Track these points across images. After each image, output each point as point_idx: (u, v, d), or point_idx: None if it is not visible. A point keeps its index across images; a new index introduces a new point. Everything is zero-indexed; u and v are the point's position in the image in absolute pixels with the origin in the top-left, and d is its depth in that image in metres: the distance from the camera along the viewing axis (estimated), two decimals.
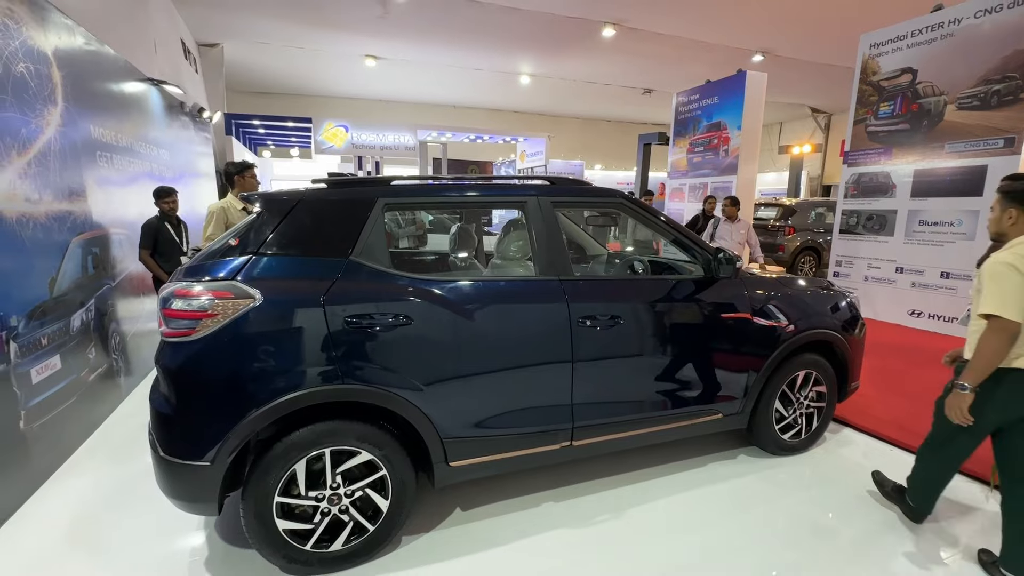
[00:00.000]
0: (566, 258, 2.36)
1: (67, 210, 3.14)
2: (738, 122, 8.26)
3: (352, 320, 1.91)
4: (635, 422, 2.48)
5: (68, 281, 3.08)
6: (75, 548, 2.17)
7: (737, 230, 5.86)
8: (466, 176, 2.62)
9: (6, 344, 2.42)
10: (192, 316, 1.78)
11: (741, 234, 5.84)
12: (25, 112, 2.76)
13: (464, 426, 2.13)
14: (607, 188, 2.64)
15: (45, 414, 2.71)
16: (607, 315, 2.31)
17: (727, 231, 5.90)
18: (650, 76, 14.41)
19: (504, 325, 2.16)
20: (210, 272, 1.88)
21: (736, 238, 5.81)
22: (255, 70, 13.99)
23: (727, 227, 5.91)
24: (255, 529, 1.88)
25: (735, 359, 2.65)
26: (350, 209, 2.08)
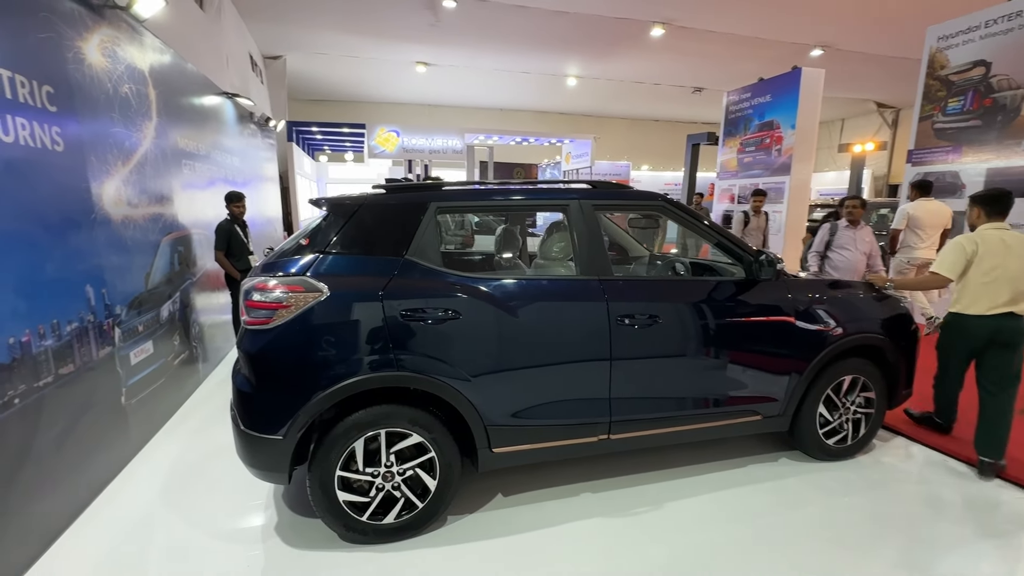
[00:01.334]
0: (606, 259, 2.46)
1: (159, 212, 3.53)
2: (792, 120, 7.99)
3: (407, 314, 2.10)
4: (671, 419, 2.54)
5: (159, 276, 3.47)
6: (168, 508, 2.48)
7: (862, 238, 4.47)
8: (511, 181, 2.76)
9: (112, 330, 2.78)
10: (269, 307, 2.02)
11: (867, 243, 4.47)
12: (128, 127, 3.16)
13: (506, 415, 2.27)
14: (647, 191, 2.72)
15: (140, 392, 3.08)
16: (645, 314, 2.39)
17: (849, 239, 4.48)
18: (700, 75, 14.11)
19: (545, 321, 2.29)
20: (284, 268, 2.12)
21: (861, 247, 4.45)
22: (313, 79, 14.80)
23: (849, 234, 4.49)
24: (319, 499, 2.10)
25: (776, 361, 2.65)
26: (405, 212, 2.28)
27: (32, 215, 2.19)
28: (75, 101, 2.56)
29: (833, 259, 4.56)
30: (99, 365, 2.63)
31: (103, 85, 2.86)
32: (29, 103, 2.20)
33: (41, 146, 2.26)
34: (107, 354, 2.72)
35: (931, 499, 2.61)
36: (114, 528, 2.33)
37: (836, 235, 4.58)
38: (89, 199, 2.64)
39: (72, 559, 2.13)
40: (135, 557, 2.15)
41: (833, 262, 4.55)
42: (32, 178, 2.20)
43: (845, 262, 4.48)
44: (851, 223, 4.53)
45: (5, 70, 2.05)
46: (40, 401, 2.16)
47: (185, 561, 2.12)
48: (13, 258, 2.06)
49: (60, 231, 2.38)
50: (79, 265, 2.52)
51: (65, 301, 2.38)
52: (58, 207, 2.38)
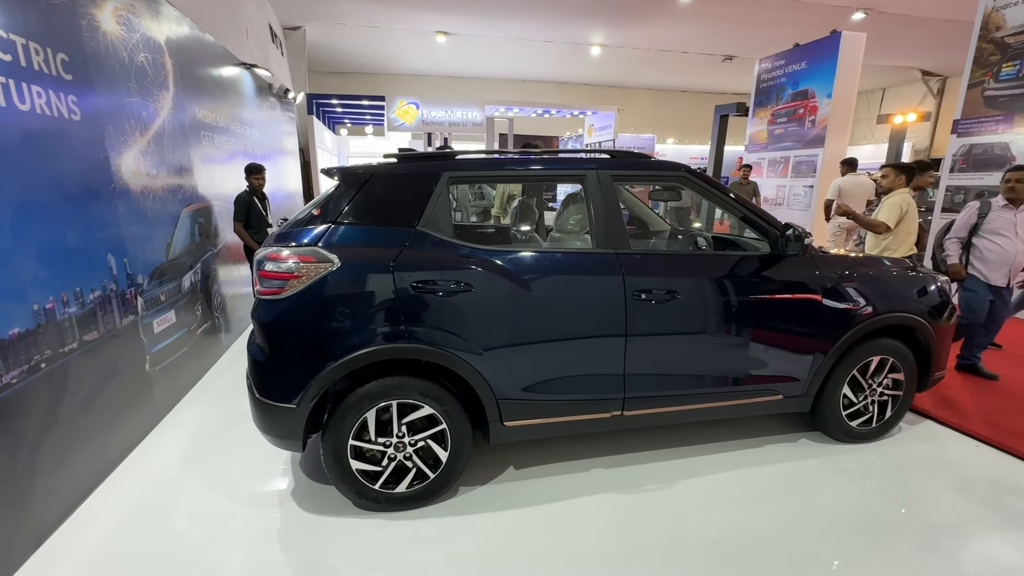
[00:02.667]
0: (623, 232, 2.38)
1: (178, 184, 3.56)
2: (828, 89, 7.57)
3: (418, 285, 2.07)
4: (687, 397, 2.48)
5: (180, 247, 3.53)
6: (190, 470, 2.57)
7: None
8: (528, 150, 2.69)
9: (135, 299, 2.84)
10: (281, 277, 2.02)
11: None
12: (144, 97, 3.16)
13: (518, 389, 2.25)
14: (669, 161, 2.60)
15: (164, 360, 3.17)
16: (663, 290, 2.32)
17: (1007, 222, 3.52)
18: (732, 42, 13.45)
19: (559, 295, 2.24)
20: (296, 238, 2.10)
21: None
22: (333, 51, 14.64)
23: (1007, 216, 3.53)
24: (332, 466, 2.13)
25: (800, 340, 2.55)
26: (417, 182, 2.23)
27: (52, 184, 2.22)
28: (90, 70, 2.55)
29: (981, 248, 3.61)
30: (123, 333, 2.70)
31: (118, 54, 2.85)
32: (44, 71, 2.20)
33: (58, 115, 2.27)
34: (130, 322, 2.79)
35: (958, 484, 2.52)
36: (141, 487, 2.43)
37: (988, 217, 3.58)
38: (108, 169, 2.66)
39: (101, 515, 2.23)
40: (159, 514, 2.23)
41: (981, 252, 3.62)
42: (50, 147, 2.22)
43: (999, 253, 3.53)
44: (1011, 202, 3.51)
45: (19, 37, 2.05)
46: (66, 366, 2.23)
47: (205, 521, 2.20)
48: (35, 227, 2.09)
49: (80, 200, 2.41)
50: (100, 234, 2.56)
51: (87, 270, 2.43)
52: (77, 177, 2.41)
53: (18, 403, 1.94)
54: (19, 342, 1.95)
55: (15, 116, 2.00)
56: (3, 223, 1.92)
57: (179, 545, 2.06)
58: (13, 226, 1.97)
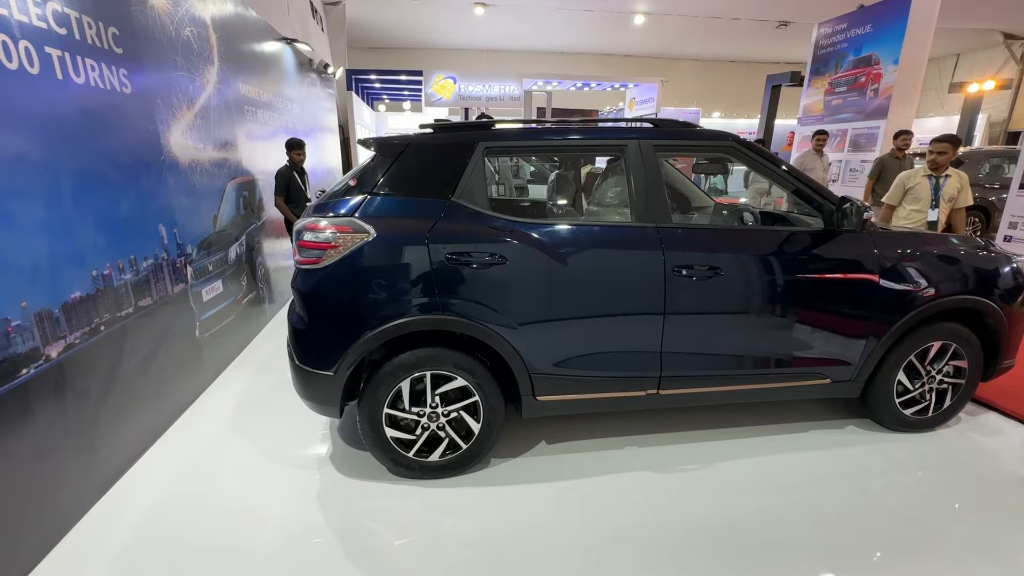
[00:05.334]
0: (665, 205, 2.28)
1: (223, 158, 3.67)
2: (895, 55, 6.98)
3: (452, 257, 2.06)
4: (727, 378, 2.40)
5: (226, 219, 3.65)
6: (237, 432, 2.70)
7: None
8: (567, 120, 2.60)
9: (184, 268, 2.97)
10: (319, 247, 2.05)
11: None
12: (191, 72, 3.23)
13: (551, 364, 2.22)
14: (717, 131, 2.46)
15: (212, 327, 3.32)
16: (705, 265, 2.22)
17: None
18: (788, 5, 12.57)
19: (595, 270, 2.18)
20: (334, 209, 2.12)
21: None
22: (372, 25, 14.61)
23: None
24: (368, 433, 2.19)
25: (853, 323, 2.41)
26: (452, 153, 2.19)
27: (106, 155, 2.31)
28: (140, 44, 2.62)
29: None
30: (174, 300, 2.84)
31: (165, 28, 2.92)
32: (97, 44, 2.27)
33: (110, 88, 2.35)
34: (181, 290, 2.92)
35: (1019, 480, 2.34)
36: (193, 445, 2.58)
37: None
38: (158, 142, 2.76)
39: (157, 468, 2.38)
40: (210, 471, 2.37)
41: None
42: (104, 120, 2.30)
43: None
44: None
45: (72, 11, 2.11)
46: (123, 330, 2.36)
47: (251, 479, 2.31)
48: (91, 196, 2.19)
49: (133, 172, 2.51)
50: (151, 205, 2.66)
51: (140, 239, 2.55)
52: (129, 149, 2.50)
53: (81, 362, 2.07)
54: (80, 305, 2.07)
55: (71, 89, 2.09)
56: (63, 192, 2.02)
57: (228, 499, 2.18)
58: (72, 195, 2.07)
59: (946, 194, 4.11)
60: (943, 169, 4.03)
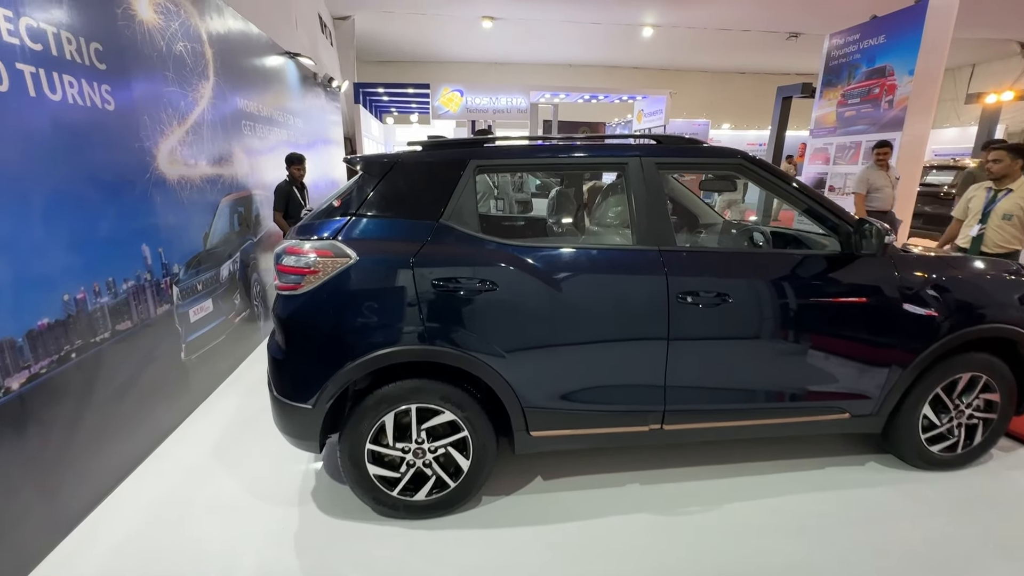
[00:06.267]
0: (668, 226, 2.13)
1: (217, 173, 3.59)
2: (910, 66, 6.80)
3: (439, 283, 1.93)
4: (737, 412, 2.23)
5: (218, 236, 3.56)
6: (218, 461, 2.57)
7: None
8: (567, 135, 2.48)
9: (170, 288, 2.87)
10: (298, 271, 1.92)
11: None
12: (183, 87, 3.16)
13: (546, 397, 2.07)
14: (724, 147, 2.31)
15: (200, 348, 3.21)
16: (712, 292, 2.06)
17: None
18: (799, 16, 12.45)
19: (593, 296, 2.03)
20: (316, 231, 2.00)
21: None
22: (380, 39, 14.73)
23: None
24: (349, 470, 2.04)
25: (873, 353, 2.23)
26: (441, 171, 2.07)
27: (84, 174, 2.22)
28: (125, 59, 2.55)
29: None
30: (158, 322, 2.73)
31: (155, 43, 2.85)
32: (76, 60, 2.19)
33: (91, 104, 2.27)
34: (166, 311, 2.82)
35: None
36: (170, 477, 2.45)
37: None
38: (143, 159, 2.67)
39: (128, 504, 2.25)
40: (183, 507, 2.23)
41: None
42: (82, 137, 2.22)
43: None
44: None
45: (49, 26, 2.04)
46: (98, 356, 2.25)
47: (226, 516, 2.17)
48: (67, 216, 2.10)
49: (114, 190, 2.42)
50: (134, 224, 2.57)
51: (121, 259, 2.45)
52: (111, 167, 2.41)
53: (48, 393, 1.96)
54: (48, 332, 1.97)
55: (46, 106, 2.00)
56: (31, 213, 1.92)
57: (199, 539, 2.04)
58: (43, 216, 1.97)
59: (1000, 210, 3.67)
60: (1005, 181, 3.65)
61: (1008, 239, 3.67)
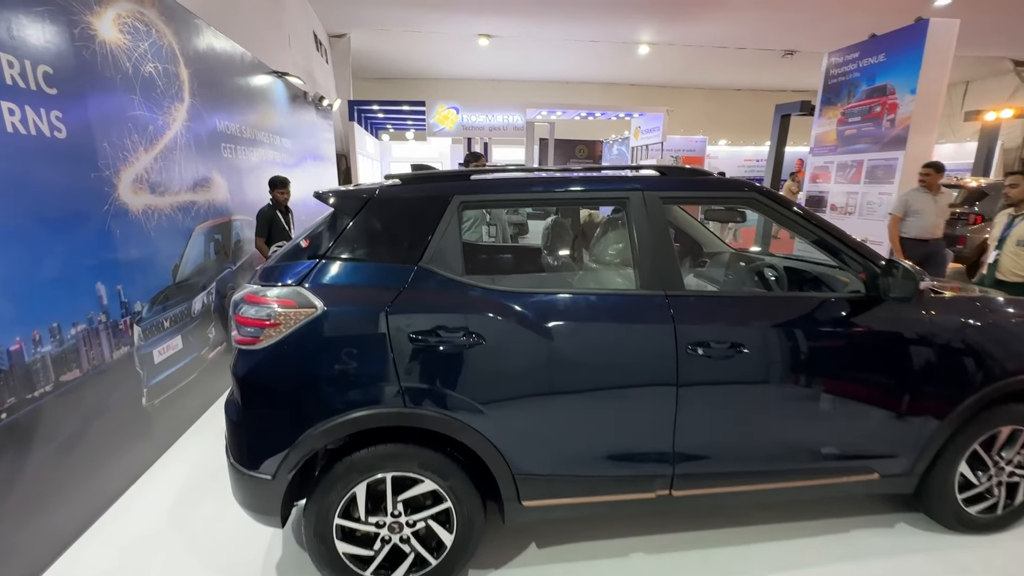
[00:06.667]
0: (675, 268, 1.91)
1: (191, 200, 3.37)
2: (912, 84, 6.69)
3: (417, 337, 1.69)
4: (754, 475, 1.98)
5: (191, 267, 3.33)
6: (173, 527, 2.31)
7: None
8: (560, 167, 2.29)
9: (130, 328, 2.63)
10: (257, 324, 1.69)
11: None
12: (153, 110, 2.96)
13: (540, 463, 1.83)
14: (733, 179, 2.11)
15: (166, 390, 2.96)
16: (725, 342, 1.84)
17: None
18: (794, 35, 12.45)
19: (593, 348, 1.80)
20: (279, 277, 1.78)
21: None
22: (376, 57, 14.71)
23: None
24: (315, 548, 1.79)
25: (905, 406, 1.99)
26: (421, 208, 1.85)
27: (23, 209, 2.00)
28: (83, 82, 2.35)
29: None
30: (114, 368, 2.49)
31: (120, 64, 2.65)
32: (20, 85, 1.98)
33: (36, 133, 2.06)
34: (124, 355, 2.58)
35: None
36: (116, 546, 2.18)
37: None
38: (101, 189, 2.45)
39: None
40: None
41: None
42: (25, 168, 2.00)
43: None
44: None
45: None
46: (36, 413, 2.00)
47: None
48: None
49: (62, 226, 2.20)
50: (87, 262, 2.34)
51: (68, 302, 2.21)
52: (60, 199, 2.19)
53: None
54: None
55: None
56: None
57: None
58: None
59: (1015, 236, 3.58)
60: (1022, 206, 3.56)
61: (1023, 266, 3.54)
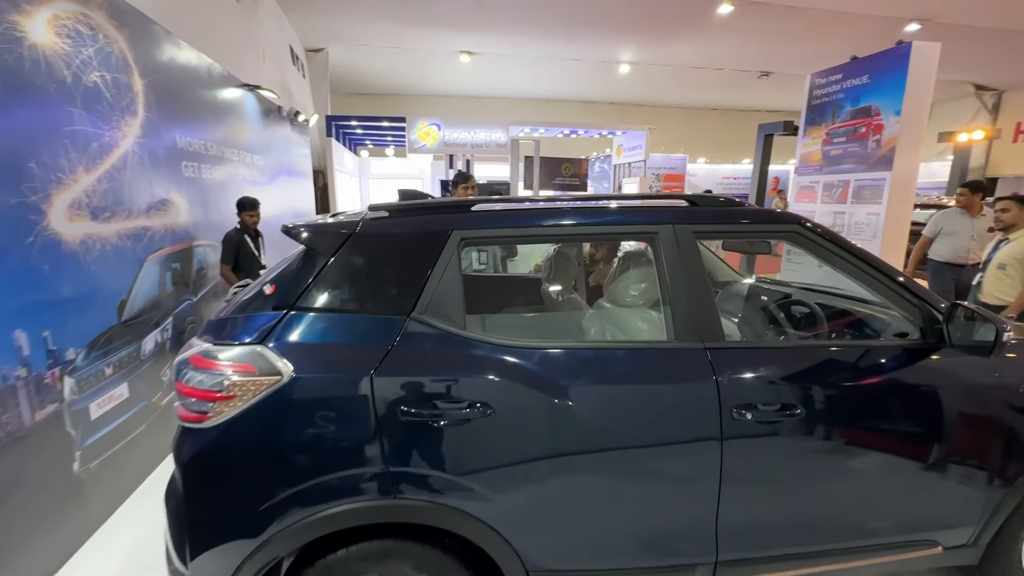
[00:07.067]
0: (714, 315, 1.63)
1: (143, 226, 2.97)
2: (896, 106, 6.71)
3: (410, 410, 1.36)
4: (807, 556, 1.69)
5: (141, 301, 2.91)
6: None
7: None
8: (572, 196, 2.00)
9: (59, 382, 2.21)
10: (205, 396, 1.33)
11: None
12: (98, 125, 2.58)
13: (560, 556, 1.50)
14: (777, 212, 1.86)
15: (107, 449, 2.53)
16: (775, 403, 1.55)
17: None
18: (771, 57, 12.68)
19: (623, 415, 1.50)
20: (235, 333, 1.42)
21: None
22: (355, 72, 14.43)
23: None
24: None
25: (971, 471, 1.74)
26: (414, 247, 1.53)
27: None
28: (2, 92, 1.97)
29: None
30: (35, 432, 2.07)
31: (56, 73, 2.28)
32: None
33: None
34: (50, 414, 2.16)
35: None
36: None
37: None
38: (24, 218, 2.06)
39: None
40: None
41: None
42: None
43: None
44: None
45: None
46: None
47: None
48: None
49: None
50: (3, 306, 1.94)
51: None
52: None
53: None
54: None
55: None
56: None
57: None
58: None
59: (996, 259, 3.68)
60: (1012, 230, 3.64)
61: (1004, 290, 3.61)
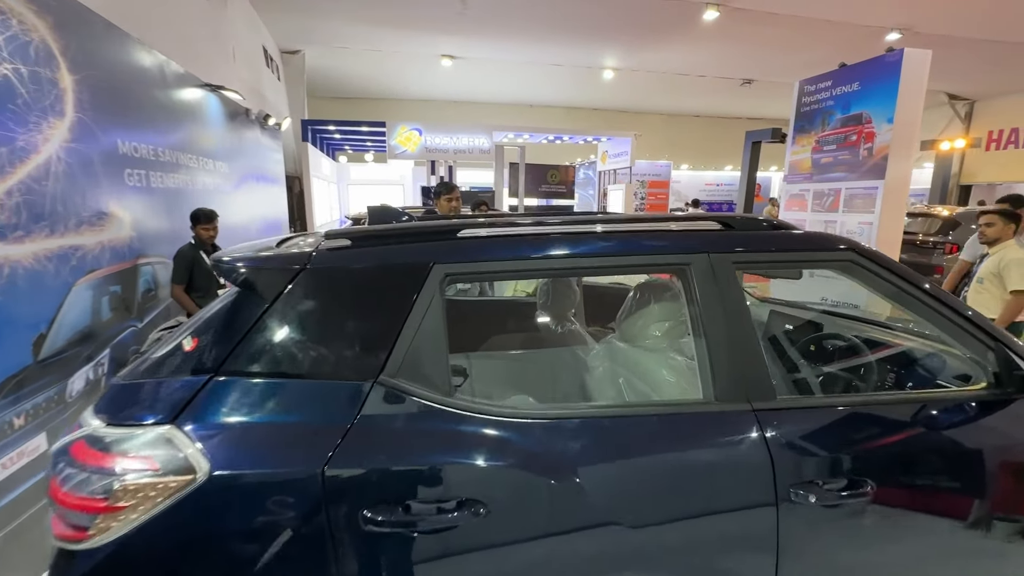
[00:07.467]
0: (763, 367, 1.30)
1: (72, 244, 2.54)
2: (888, 113, 6.61)
3: (375, 517, 1.00)
4: None
5: (67, 335, 2.48)
6: None
7: None
8: (577, 216, 1.65)
9: None
10: (85, 508, 0.95)
11: None
12: (8, 126, 2.16)
13: None
14: (828, 236, 1.55)
15: (11, 520, 2.09)
16: (842, 479, 1.23)
17: None
18: (753, 64, 12.66)
19: (650, 501, 1.16)
20: (137, 409, 1.04)
21: None
22: (334, 75, 14.00)
23: None
24: None
25: None
26: (384, 285, 1.17)
27: None
28: None
29: None
30: None
31: None
32: None
33: None
34: None
35: None
36: None
37: None
38: None
39: None
40: None
41: None
42: None
43: None
44: None
45: None
46: None
47: None
48: None
49: None
50: None
51: None
52: None
53: None
54: None
55: None
56: None
57: None
58: None
59: (979, 273, 3.61)
60: (995, 244, 3.51)
61: (983, 304, 3.46)
